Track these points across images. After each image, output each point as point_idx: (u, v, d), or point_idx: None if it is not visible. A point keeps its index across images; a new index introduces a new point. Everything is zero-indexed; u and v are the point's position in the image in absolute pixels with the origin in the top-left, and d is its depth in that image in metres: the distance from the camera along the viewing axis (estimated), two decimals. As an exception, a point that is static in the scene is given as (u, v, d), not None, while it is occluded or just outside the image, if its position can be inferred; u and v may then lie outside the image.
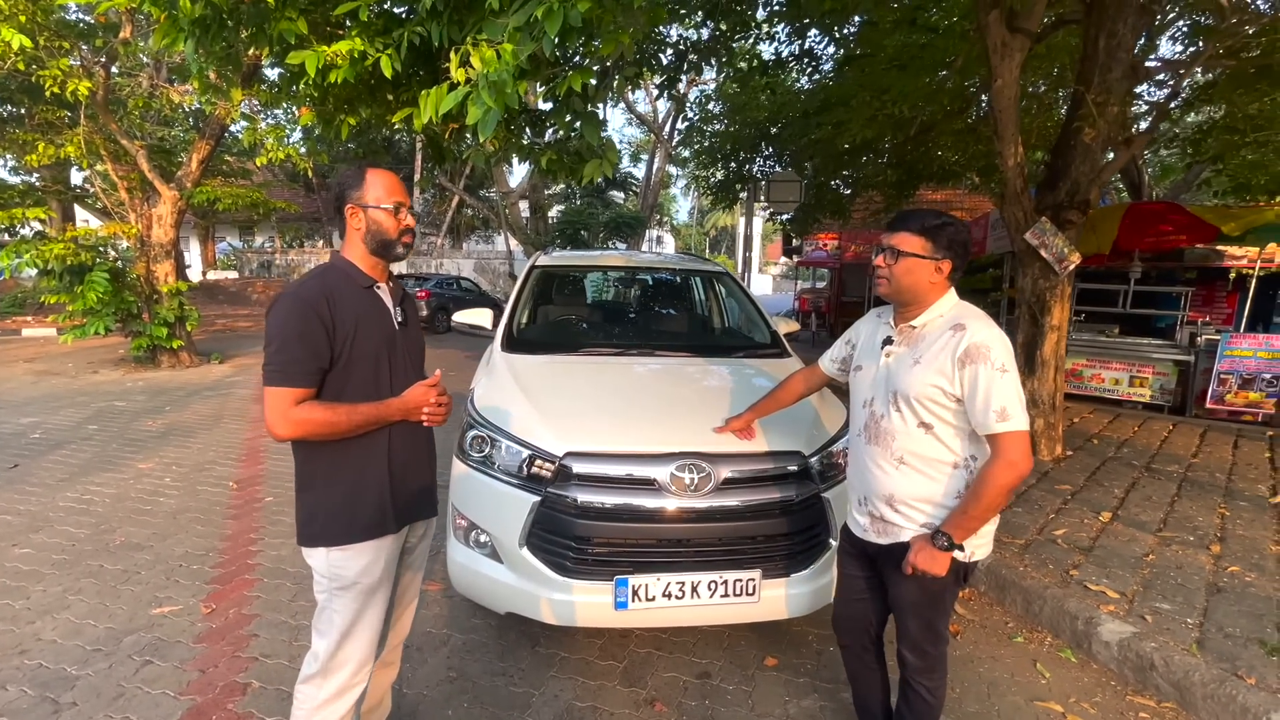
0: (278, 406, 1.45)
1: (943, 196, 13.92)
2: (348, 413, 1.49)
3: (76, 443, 5.11)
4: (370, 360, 1.55)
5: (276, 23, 3.09)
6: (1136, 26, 4.43)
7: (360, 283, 1.58)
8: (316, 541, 1.56)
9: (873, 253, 1.66)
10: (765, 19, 5.93)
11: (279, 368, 1.45)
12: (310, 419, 1.46)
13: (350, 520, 1.56)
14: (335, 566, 1.56)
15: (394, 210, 1.57)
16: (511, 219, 18.07)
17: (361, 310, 1.55)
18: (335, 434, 1.49)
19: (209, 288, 19.13)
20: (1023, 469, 1.46)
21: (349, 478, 1.56)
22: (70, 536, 3.40)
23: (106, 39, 7.33)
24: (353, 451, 1.55)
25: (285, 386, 1.44)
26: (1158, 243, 7.01)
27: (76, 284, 7.62)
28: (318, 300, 1.47)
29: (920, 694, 1.69)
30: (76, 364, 8.80)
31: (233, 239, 27.42)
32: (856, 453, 1.74)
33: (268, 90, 6.81)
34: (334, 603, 1.57)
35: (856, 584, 1.80)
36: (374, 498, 1.58)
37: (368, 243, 1.58)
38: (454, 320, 3.48)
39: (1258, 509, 3.78)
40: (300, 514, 1.58)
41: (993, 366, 1.46)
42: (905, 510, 1.60)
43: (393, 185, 1.58)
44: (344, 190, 1.58)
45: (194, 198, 8.31)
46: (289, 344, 1.45)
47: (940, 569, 1.51)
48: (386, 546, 1.62)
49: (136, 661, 2.36)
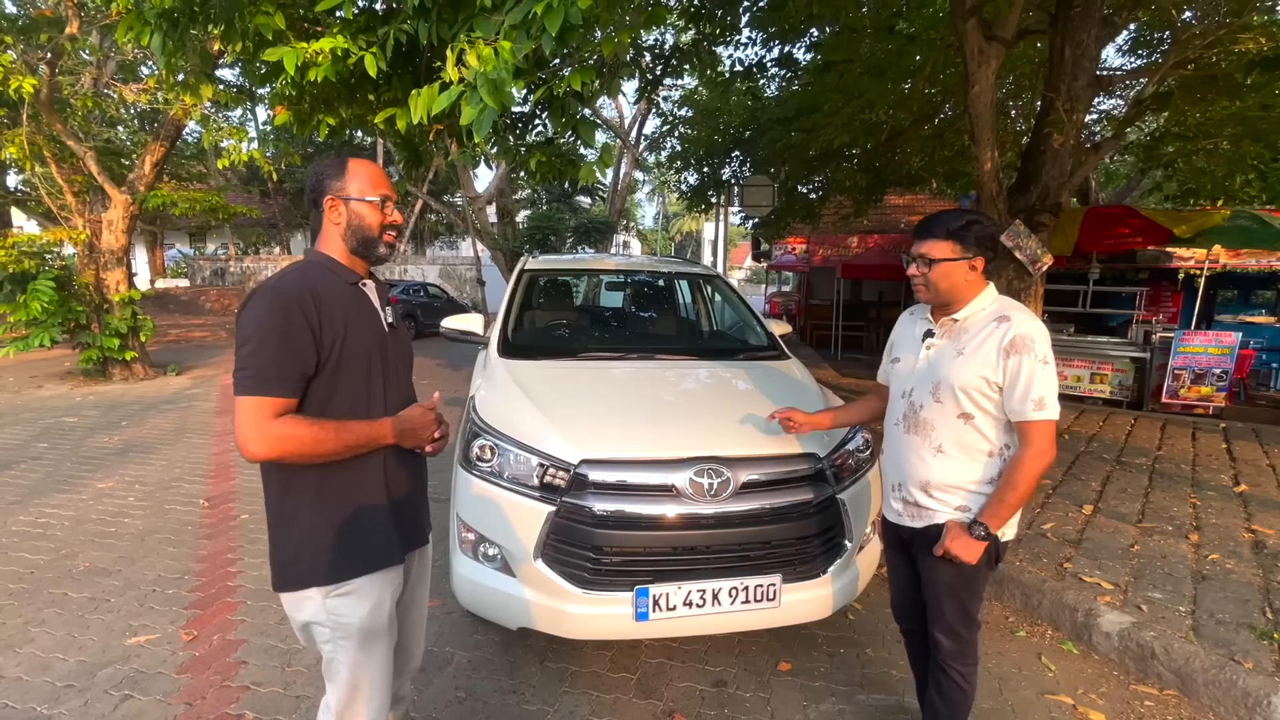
0: (252, 419, 1.22)
1: (906, 201, 14.31)
2: (337, 431, 1.29)
3: (26, 462, 4.78)
4: (361, 365, 1.37)
5: (251, 17, 2.96)
6: (1100, 37, 4.63)
7: (346, 278, 1.41)
8: (307, 583, 1.34)
9: (904, 262, 1.69)
10: (747, 24, 5.98)
11: (254, 372, 1.22)
12: (292, 435, 1.24)
13: (350, 551, 1.36)
14: (335, 613, 1.35)
15: (379, 204, 1.40)
16: (479, 224, 17.82)
17: (350, 308, 1.37)
18: (320, 456, 1.29)
19: (159, 297, 18.24)
20: (1051, 456, 1.54)
21: (341, 502, 1.36)
22: (27, 563, 3.16)
23: (51, 34, 6.93)
24: (345, 470, 1.35)
25: (262, 395, 1.22)
26: (1115, 245, 7.34)
27: (19, 293, 7.16)
28: (301, 294, 1.28)
29: (954, 680, 1.72)
30: (18, 378, 8.26)
31: (182, 245, 26.26)
32: (894, 441, 1.77)
33: (226, 90, 6.56)
34: (340, 654, 1.38)
35: (904, 572, 1.85)
36: (375, 522, 1.40)
37: (348, 240, 1.41)
38: (443, 326, 3.37)
39: (1225, 498, 3.95)
40: (279, 552, 1.35)
41: (1036, 358, 1.51)
42: (941, 495, 1.65)
43: (377, 177, 1.43)
44: (322, 181, 1.40)
45: (147, 202, 7.91)
46: (267, 343, 1.23)
47: (974, 557, 1.56)
48: (394, 580, 1.45)
49: (115, 697, 2.19)
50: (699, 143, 9.78)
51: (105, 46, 8.31)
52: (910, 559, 1.81)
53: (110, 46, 8.22)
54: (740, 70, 6.55)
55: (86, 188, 8.08)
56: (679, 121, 10.32)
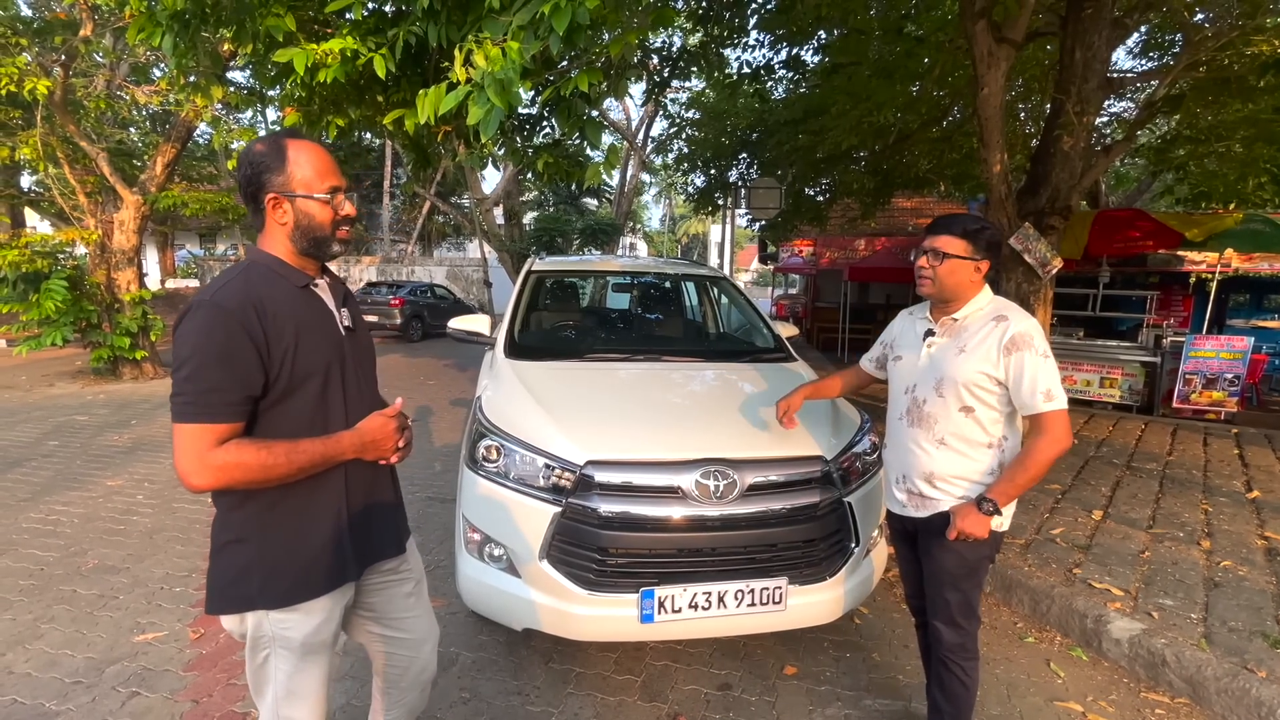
0: (192, 449, 1.12)
1: (914, 204, 14.26)
2: (288, 454, 1.18)
3: (37, 460, 4.82)
4: (317, 379, 1.26)
5: (262, 19, 2.98)
6: (1111, 39, 4.60)
7: (294, 281, 1.27)
8: (253, 605, 1.24)
9: (913, 255, 1.74)
10: (755, 25, 5.98)
11: (192, 399, 1.12)
12: (238, 463, 1.14)
13: (302, 573, 1.25)
14: (279, 626, 1.26)
15: (328, 198, 1.26)
16: (486, 225, 17.88)
17: (300, 317, 1.24)
18: (269, 482, 1.18)
19: (169, 297, 18.36)
20: (1065, 444, 1.58)
21: (295, 522, 1.25)
22: (38, 560, 3.18)
23: (66, 37, 7.00)
24: (301, 486, 1.24)
25: (203, 423, 1.12)
26: (1125, 248, 7.29)
27: (32, 292, 7.23)
28: (243, 309, 1.15)
29: (956, 675, 1.75)
30: (30, 377, 8.34)
31: (192, 246, 26.47)
32: (897, 435, 1.83)
33: (236, 92, 6.61)
34: (280, 663, 1.29)
35: (912, 566, 1.90)
36: (329, 541, 1.28)
37: (296, 240, 1.27)
38: (450, 327, 3.37)
39: (1237, 504, 3.90)
40: (221, 574, 1.24)
41: (1036, 353, 1.59)
42: (943, 486, 1.72)
43: (323, 165, 1.26)
44: (259, 175, 1.24)
45: (158, 202, 7.98)
46: (207, 368, 1.12)
47: (983, 531, 1.62)
48: (345, 594, 1.35)
49: (122, 693, 2.20)
50: (706, 145, 9.78)
51: (118, 49, 8.40)
52: (916, 552, 1.85)
53: (123, 49, 8.31)
54: (748, 72, 6.54)
55: (99, 188, 8.17)
56: (686, 123, 10.33)
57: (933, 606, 1.78)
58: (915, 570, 1.90)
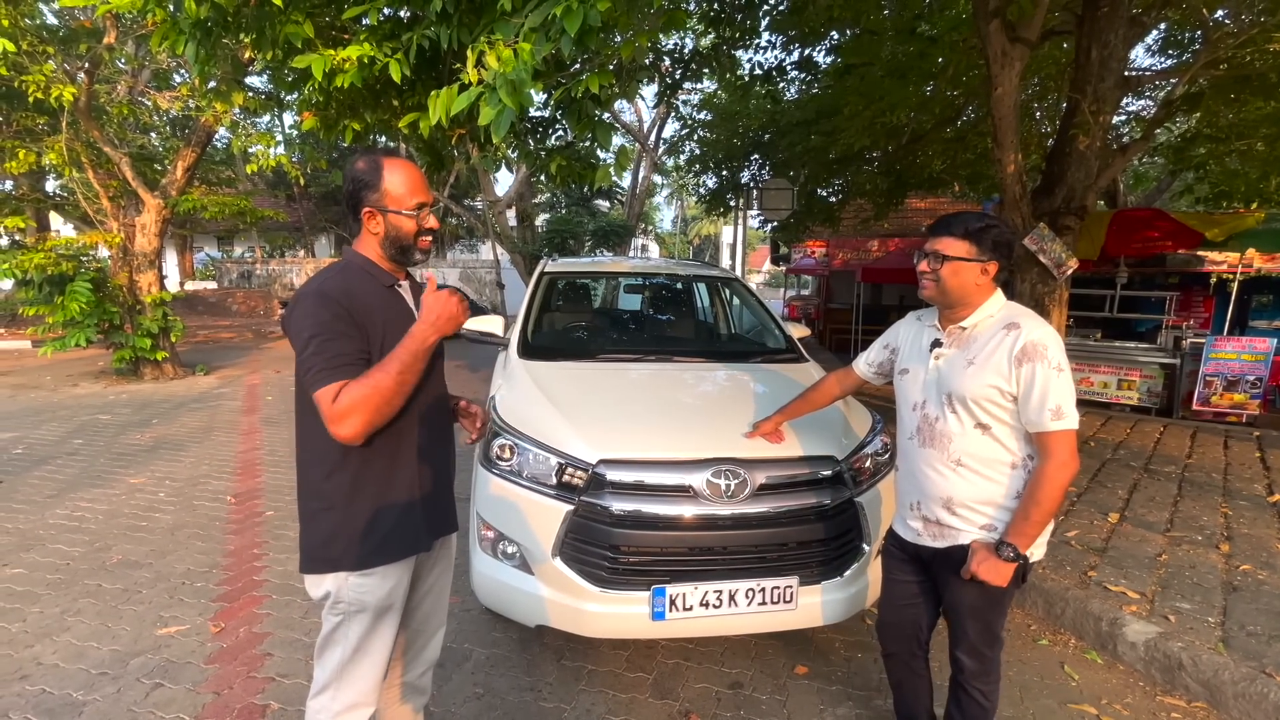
0: (331, 404, 1.28)
1: (928, 204, 14.15)
2: (381, 368, 1.30)
3: (62, 458, 4.93)
4: None
5: (282, 26, 3.04)
6: (1127, 37, 4.54)
7: (383, 281, 1.47)
8: (337, 566, 1.39)
9: (914, 258, 1.63)
10: (767, 27, 5.98)
11: (322, 365, 1.27)
12: (362, 399, 1.26)
13: (382, 539, 1.41)
14: (357, 590, 1.41)
15: (415, 213, 1.43)
16: (499, 227, 17.98)
17: (387, 312, 1.42)
18: (388, 399, 1.29)
19: (189, 298, 18.70)
20: (1074, 468, 1.48)
21: (376, 490, 1.41)
22: (64, 555, 3.27)
23: (90, 44, 7.16)
24: (381, 459, 1.41)
25: (337, 381, 1.27)
26: (1144, 248, 7.19)
27: (57, 295, 7.39)
28: (342, 294, 1.35)
29: (975, 698, 1.67)
30: (55, 377, 8.53)
31: (211, 249, 26.89)
32: (909, 456, 1.70)
33: (255, 97, 6.73)
34: (353, 625, 1.43)
35: (906, 589, 1.77)
36: (405, 511, 1.45)
37: (385, 247, 1.46)
38: (463, 328, 3.41)
39: (1258, 508, 3.84)
40: (313, 536, 1.41)
41: (1050, 365, 1.45)
42: (965, 513, 1.58)
43: (415, 182, 1.44)
44: (359, 190, 1.42)
45: (179, 206, 8.13)
46: (325, 340, 1.29)
47: (1003, 580, 1.49)
48: (412, 566, 1.51)
49: (146, 685, 2.26)
50: (718, 146, 9.78)
51: (140, 56, 8.57)
52: (916, 577, 1.74)
53: (145, 55, 8.48)
54: (760, 74, 6.54)
55: (121, 192, 8.33)
56: (698, 125, 10.34)
57: (954, 637, 1.67)
58: (900, 598, 1.78)
